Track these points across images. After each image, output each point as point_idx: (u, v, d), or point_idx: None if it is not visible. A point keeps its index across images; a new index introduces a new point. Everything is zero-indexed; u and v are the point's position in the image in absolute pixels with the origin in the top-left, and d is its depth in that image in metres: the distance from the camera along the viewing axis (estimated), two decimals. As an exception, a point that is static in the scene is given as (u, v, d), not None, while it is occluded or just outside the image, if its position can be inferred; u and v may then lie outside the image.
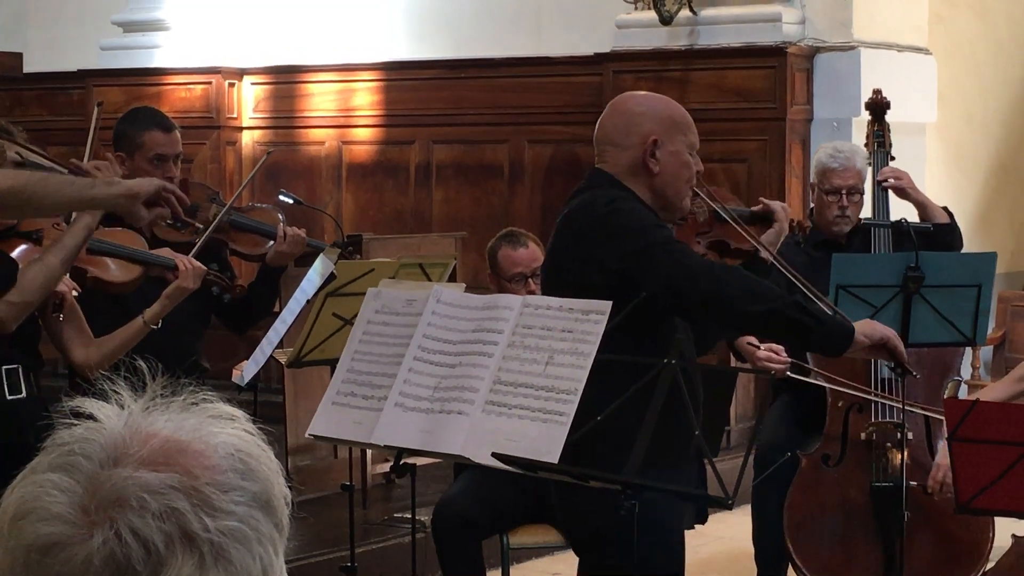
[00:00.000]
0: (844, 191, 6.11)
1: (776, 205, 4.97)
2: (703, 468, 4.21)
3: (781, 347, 5.59)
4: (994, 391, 5.24)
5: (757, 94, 8.97)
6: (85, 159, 4.71)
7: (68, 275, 4.44)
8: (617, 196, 4.07)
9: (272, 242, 5.57)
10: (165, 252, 4.97)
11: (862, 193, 6.18)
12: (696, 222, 4.98)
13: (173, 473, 1.29)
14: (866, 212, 6.35)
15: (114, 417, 1.34)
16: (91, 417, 1.34)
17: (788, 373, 5.63)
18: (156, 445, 1.31)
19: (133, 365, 1.40)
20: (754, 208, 5.01)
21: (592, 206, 4.07)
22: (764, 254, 4.55)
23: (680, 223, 4.61)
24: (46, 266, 4.18)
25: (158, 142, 5.40)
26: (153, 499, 1.27)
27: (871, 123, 6.38)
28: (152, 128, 5.43)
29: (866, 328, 4.14)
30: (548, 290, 4.18)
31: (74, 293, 4.58)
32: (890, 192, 6.17)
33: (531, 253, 5.49)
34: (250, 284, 5.60)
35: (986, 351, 9.84)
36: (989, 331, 7.98)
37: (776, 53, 8.92)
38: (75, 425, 1.33)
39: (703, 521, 4.24)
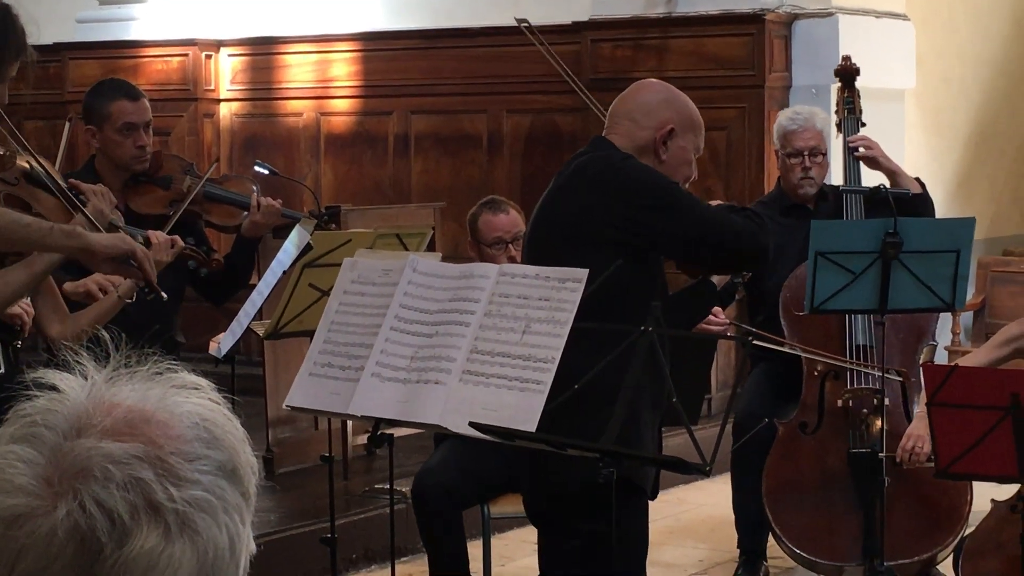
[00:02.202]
0: (806, 152, 6.13)
1: None
2: (660, 436, 4.25)
3: (719, 309, 5.60)
4: (975, 357, 5.24)
5: (735, 61, 8.95)
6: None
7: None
8: (627, 155, 4.14)
9: (247, 213, 5.56)
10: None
11: (824, 154, 6.19)
12: None
13: (137, 443, 1.28)
14: (838, 179, 6.36)
15: (77, 388, 1.33)
16: (54, 388, 1.32)
17: (755, 341, 5.62)
18: (120, 415, 1.30)
19: (97, 336, 1.39)
20: None
21: (601, 162, 4.14)
22: None
23: None
24: (14, 280, 4.12)
25: (126, 111, 5.40)
26: (117, 469, 1.26)
27: (840, 90, 6.39)
28: (119, 97, 5.43)
29: None
30: (536, 251, 4.17)
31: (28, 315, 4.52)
32: (861, 158, 6.19)
33: (512, 219, 5.50)
34: (226, 256, 5.59)
35: (966, 317, 9.86)
36: (968, 297, 8.00)
37: (754, 20, 8.91)
38: (38, 396, 1.32)
39: (654, 497, 4.25)
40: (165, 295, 4.17)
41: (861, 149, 6.12)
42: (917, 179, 6.16)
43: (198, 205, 5.51)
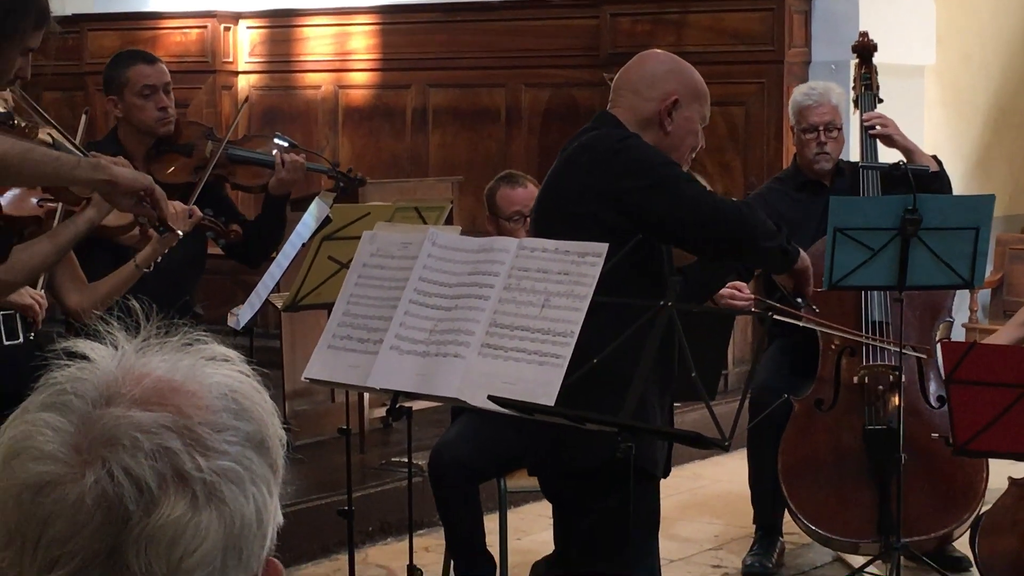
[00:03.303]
0: (821, 127, 6.12)
1: None
2: (671, 412, 4.25)
3: (743, 284, 5.59)
4: (999, 337, 5.24)
5: (755, 37, 8.93)
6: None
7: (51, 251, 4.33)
8: (629, 134, 4.10)
9: (272, 172, 5.57)
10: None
11: (840, 129, 6.18)
12: None
13: (166, 413, 1.29)
14: (855, 156, 6.33)
15: (107, 357, 1.33)
16: (84, 357, 1.33)
17: (774, 316, 5.62)
18: (149, 385, 1.30)
19: (127, 306, 1.40)
20: None
21: (605, 140, 4.09)
22: None
23: None
24: (39, 252, 4.14)
25: (143, 73, 5.45)
26: (145, 438, 1.27)
27: (858, 66, 6.37)
28: (136, 63, 5.50)
29: (802, 252, 4.31)
30: (542, 224, 4.17)
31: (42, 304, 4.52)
32: (877, 135, 6.18)
33: (529, 193, 5.50)
34: (257, 216, 5.63)
35: (984, 294, 9.84)
36: (987, 274, 7.98)
37: (774, -5, 8.89)
38: (68, 365, 1.32)
39: (666, 475, 4.25)
40: (181, 232, 4.35)
41: (878, 127, 6.11)
42: (934, 157, 6.14)
43: (223, 168, 5.53)
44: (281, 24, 10.65)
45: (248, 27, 10.78)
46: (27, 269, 4.12)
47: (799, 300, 4.42)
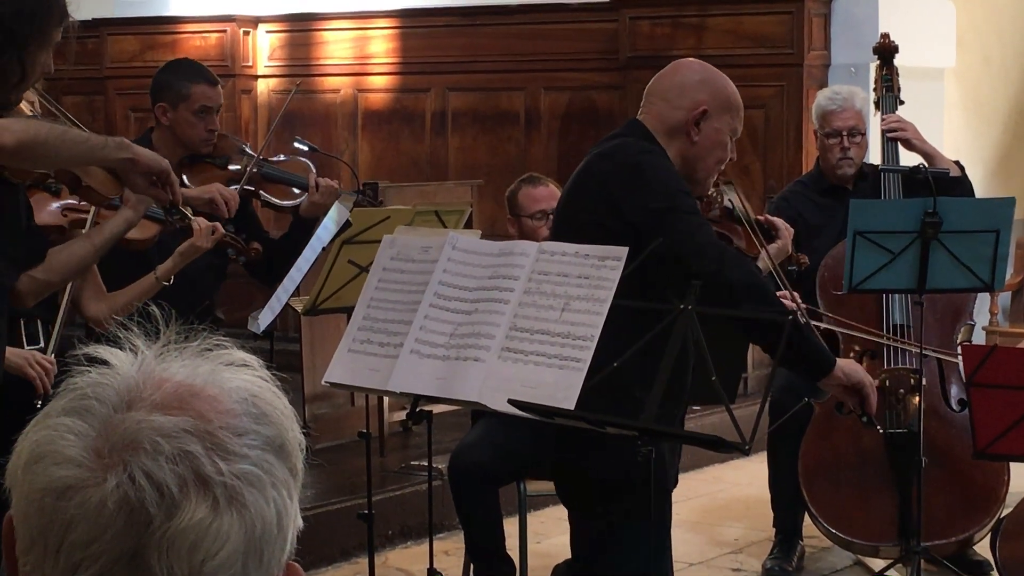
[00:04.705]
0: (845, 132, 6.11)
1: (780, 223, 4.92)
2: (682, 421, 4.24)
3: (795, 293, 5.57)
4: None
5: (774, 40, 8.92)
6: None
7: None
8: (650, 149, 4.07)
9: (302, 192, 5.58)
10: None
11: (863, 134, 6.17)
12: (708, 208, 4.91)
13: (187, 417, 1.29)
14: (875, 158, 6.32)
15: (128, 362, 1.34)
16: (105, 363, 1.33)
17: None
18: (169, 389, 1.31)
19: (147, 312, 1.40)
20: (758, 217, 4.93)
21: (623, 152, 4.07)
22: (764, 264, 4.50)
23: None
24: (77, 252, 4.17)
25: (206, 94, 5.47)
26: (166, 442, 1.27)
27: (879, 68, 6.37)
28: (200, 81, 5.50)
29: (847, 367, 4.13)
30: (560, 229, 4.17)
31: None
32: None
33: (551, 192, 5.55)
34: (283, 236, 5.64)
35: (1004, 297, 9.81)
36: (1007, 277, 7.96)
37: (793, -2, 8.88)
38: (89, 370, 1.33)
39: (673, 487, 4.24)
40: (191, 216, 4.47)
41: (898, 132, 6.10)
42: (957, 162, 6.12)
43: (255, 184, 5.54)
44: (300, 28, 10.67)
45: (267, 31, 10.80)
46: (65, 270, 4.15)
47: (864, 419, 4.20)
